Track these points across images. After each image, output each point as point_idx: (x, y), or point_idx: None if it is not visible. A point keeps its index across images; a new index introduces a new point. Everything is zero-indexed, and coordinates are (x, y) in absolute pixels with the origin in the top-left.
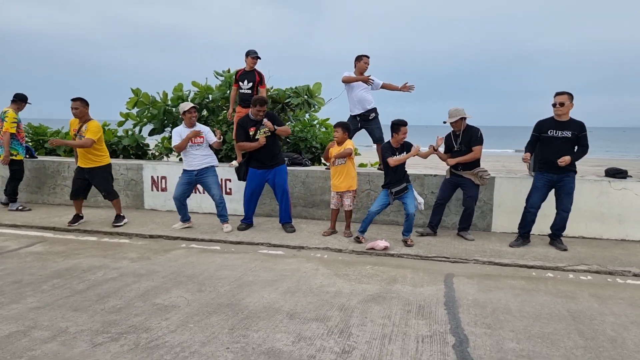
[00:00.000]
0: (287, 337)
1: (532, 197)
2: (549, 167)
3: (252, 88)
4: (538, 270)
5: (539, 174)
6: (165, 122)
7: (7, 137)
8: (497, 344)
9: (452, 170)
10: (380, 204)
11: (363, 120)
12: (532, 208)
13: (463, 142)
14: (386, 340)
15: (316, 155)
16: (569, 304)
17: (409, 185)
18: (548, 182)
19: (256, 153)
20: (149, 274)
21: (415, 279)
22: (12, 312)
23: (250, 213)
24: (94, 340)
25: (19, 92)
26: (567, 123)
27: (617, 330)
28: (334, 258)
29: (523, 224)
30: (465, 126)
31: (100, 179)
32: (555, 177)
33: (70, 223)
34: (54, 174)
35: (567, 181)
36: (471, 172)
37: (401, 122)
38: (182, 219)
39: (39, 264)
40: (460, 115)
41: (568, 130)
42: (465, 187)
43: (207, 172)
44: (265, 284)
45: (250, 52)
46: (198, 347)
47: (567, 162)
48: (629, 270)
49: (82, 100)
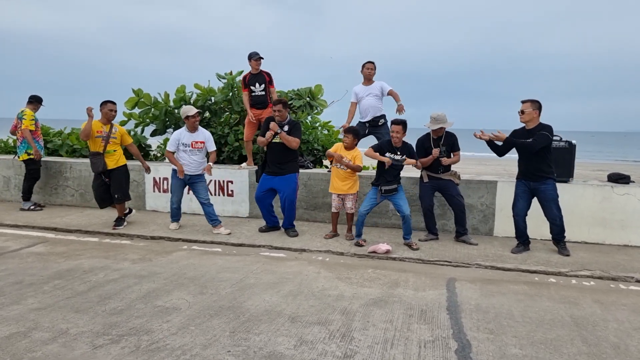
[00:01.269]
0: (288, 340)
1: (516, 204)
2: (525, 174)
3: (265, 89)
4: (540, 276)
5: (518, 181)
6: (167, 123)
7: (27, 133)
8: (499, 350)
9: (430, 174)
10: (370, 203)
11: (372, 126)
12: (518, 215)
13: (446, 146)
14: (388, 344)
15: (318, 157)
16: (571, 310)
17: (399, 187)
18: (527, 189)
19: (268, 157)
20: (151, 276)
21: (417, 283)
22: (13, 313)
23: (265, 218)
24: (94, 342)
25: (34, 94)
26: (535, 130)
27: (620, 336)
28: (336, 261)
29: (517, 231)
30: (444, 131)
31: (124, 178)
32: (532, 184)
33: (115, 226)
34: (56, 175)
35: (545, 188)
36: (449, 173)
37: (393, 121)
38: (175, 220)
39: (40, 265)
40: (446, 122)
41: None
42: (448, 189)
43: (200, 177)
44: (266, 287)
45: (252, 55)
46: (199, 350)
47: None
48: (632, 276)
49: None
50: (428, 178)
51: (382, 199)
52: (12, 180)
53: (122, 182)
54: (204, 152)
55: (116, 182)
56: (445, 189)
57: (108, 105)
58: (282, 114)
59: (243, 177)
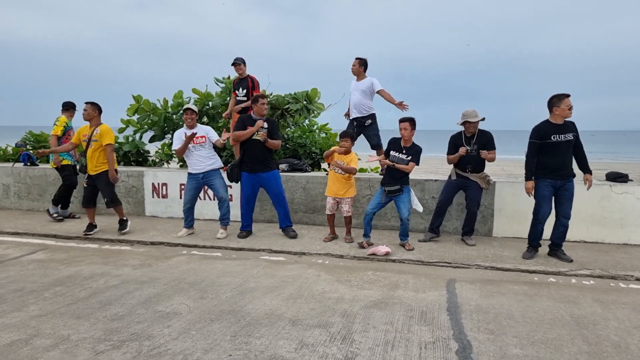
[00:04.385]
0: (289, 344)
1: (542, 208)
2: (554, 173)
3: (247, 95)
4: (540, 275)
5: (543, 182)
6: (165, 128)
7: (53, 140)
8: (500, 350)
9: (458, 172)
10: (376, 202)
11: (359, 125)
12: (543, 220)
13: (478, 145)
14: (389, 346)
15: (316, 160)
16: (572, 309)
17: (406, 188)
18: (552, 189)
19: (246, 155)
20: (151, 281)
21: (417, 284)
22: (15, 320)
23: (248, 221)
24: (96, 348)
25: (67, 100)
26: (564, 125)
27: (620, 335)
28: (336, 264)
29: (534, 235)
30: (478, 129)
31: (103, 184)
32: (559, 182)
33: (85, 232)
34: (55, 182)
35: (570, 186)
36: (479, 175)
37: (400, 119)
38: (186, 226)
39: (41, 272)
40: (479, 117)
41: (568, 132)
42: (469, 190)
43: (214, 175)
44: (267, 291)
45: (233, 61)
46: (200, 355)
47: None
48: (632, 275)
49: (94, 104)
50: (456, 176)
51: (387, 199)
52: (11, 188)
53: (105, 188)
54: (208, 146)
55: (100, 187)
56: (467, 189)
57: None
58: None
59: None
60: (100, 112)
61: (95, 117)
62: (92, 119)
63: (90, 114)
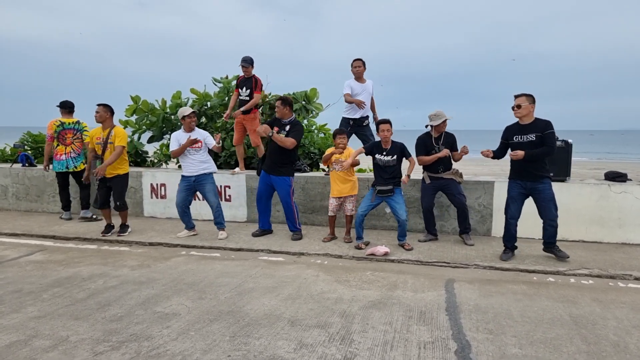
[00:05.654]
0: (288, 344)
1: (510, 208)
2: (521, 174)
3: (250, 95)
4: (539, 275)
5: (512, 182)
6: (164, 129)
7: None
8: (499, 350)
9: (431, 175)
10: (367, 204)
11: (357, 125)
12: (512, 219)
13: (445, 145)
14: (388, 346)
15: (314, 160)
16: (570, 309)
17: (397, 189)
18: (522, 190)
19: (267, 154)
20: (149, 282)
21: (416, 284)
22: (13, 321)
23: (262, 219)
24: (95, 349)
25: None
26: (531, 125)
27: (619, 334)
28: (334, 264)
29: (508, 236)
30: (444, 130)
31: (119, 188)
32: (529, 184)
33: (103, 233)
34: (53, 183)
35: (544, 188)
36: (451, 172)
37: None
38: (187, 227)
39: (39, 273)
40: (444, 117)
41: (532, 132)
42: (449, 188)
43: (205, 179)
44: (265, 291)
45: (241, 60)
46: (199, 355)
47: (520, 157)
48: (630, 274)
49: (106, 106)
50: (430, 179)
51: (378, 199)
52: (9, 189)
53: (118, 190)
54: (204, 151)
55: (115, 191)
56: (446, 188)
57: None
58: (280, 111)
59: (240, 182)
60: (112, 113)
61: (107, 119)
62: (105, 121)
63: (102, 115)
